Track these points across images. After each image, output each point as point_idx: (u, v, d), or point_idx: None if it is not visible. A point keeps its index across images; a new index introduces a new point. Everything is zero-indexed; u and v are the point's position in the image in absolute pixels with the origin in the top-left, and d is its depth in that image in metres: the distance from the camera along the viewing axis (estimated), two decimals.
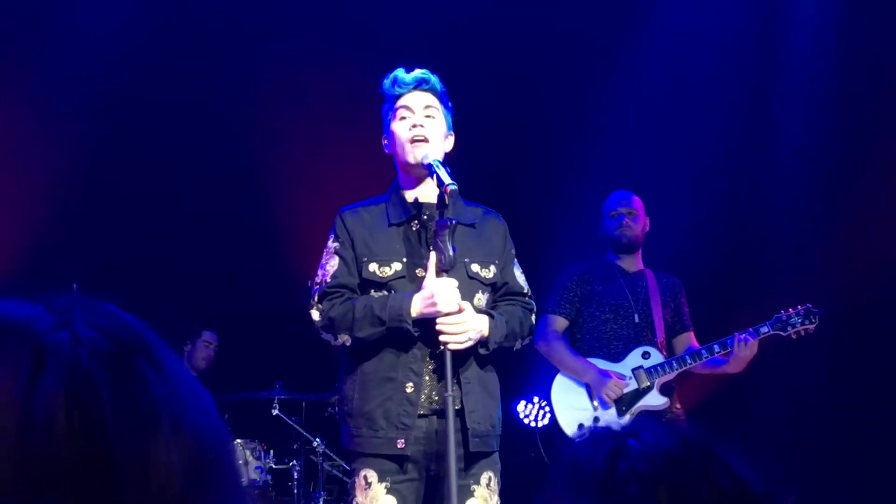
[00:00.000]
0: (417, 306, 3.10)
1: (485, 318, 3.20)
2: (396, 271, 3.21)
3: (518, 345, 3.36)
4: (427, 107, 3.27)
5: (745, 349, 4.52)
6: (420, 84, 3.28)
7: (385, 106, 3.34)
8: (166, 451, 0.72)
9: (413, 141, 3.22)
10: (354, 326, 3.15)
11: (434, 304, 3.08)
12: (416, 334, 3.13)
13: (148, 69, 6.38)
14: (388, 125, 3.31)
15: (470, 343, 3.13)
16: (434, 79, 3.32)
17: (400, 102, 3.27)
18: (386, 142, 3.35)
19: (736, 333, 4.57)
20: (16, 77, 6.08)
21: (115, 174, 6.47)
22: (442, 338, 3.10)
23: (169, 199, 6.60)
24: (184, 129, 6.51)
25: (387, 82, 3.31)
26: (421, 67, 3.35)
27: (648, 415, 4.61)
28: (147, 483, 0.70)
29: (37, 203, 6.09)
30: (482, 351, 3.21)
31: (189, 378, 0.82)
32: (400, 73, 3.30)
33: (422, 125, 3.23)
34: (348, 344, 3.20)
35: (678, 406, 4.76)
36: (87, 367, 0.71)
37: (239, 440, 5.85)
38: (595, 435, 1.13)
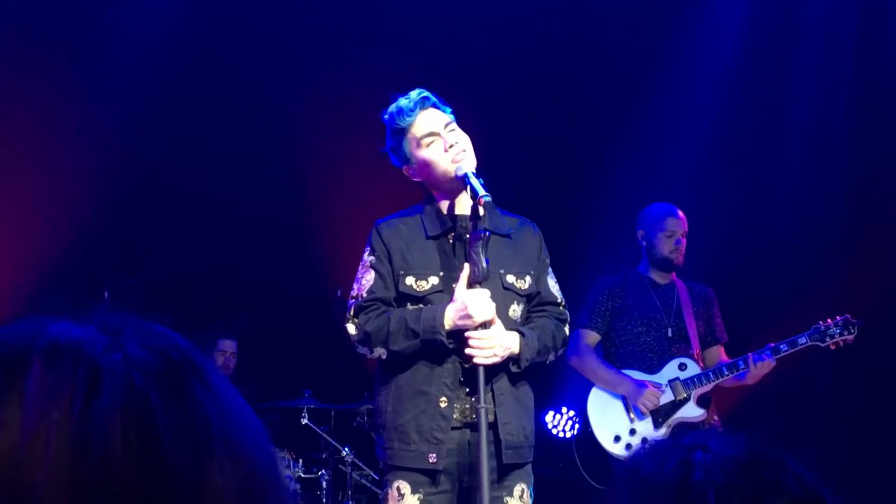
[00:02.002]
0: (451, 318, 3.09)
1: (515, 336, 3.19)
2: (433, 285, 3.21)
3: (551, 357, 3.35)
4: (446, 124, 3.26)
5: (762, 367, 4.57)
6: (423, 104, 3.27)
7: (394, 139, 3.31)
8: (220, 471, 0.72)
9: (455, 161, 3.21)
10: (389, 340, 3.15)
11: (469, 316, 3.07)
12: (450, 346, 3.12)
13: (183, 77, 6.43)
14: (409, 155, 3.28)
15: (497, 359, 3.11)
16: (429, 94, 3.31)
17: (418, 130, 3.25)
18: (410, 171, 3.33)
19: (751, 354, 4.60)
20: (49, 83, 6.14)
21: (144, 181, 6.50)
22: (468, 351, 3.09)
23: (201, 204, 6.62)
24: (212, 136, 6.55)
25: (391, 115, 3.29)
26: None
27: (685, 426, 4.59)
28: (203, 503, 0.70)
29: (64, 209, 6.14)
30: (514, 368, 3.20)
31: (237, 397, 0.82)
32: (402, 102, 3.28)
33: (456, 142, 3.23)
34: (384, 357, 3.20)
35: (715, 417, 4.72)
36: (142, 388, 0.71)
37: None
38: (658, 447, 1.12)
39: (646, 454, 1.10)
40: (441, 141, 3.23)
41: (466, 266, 3.12)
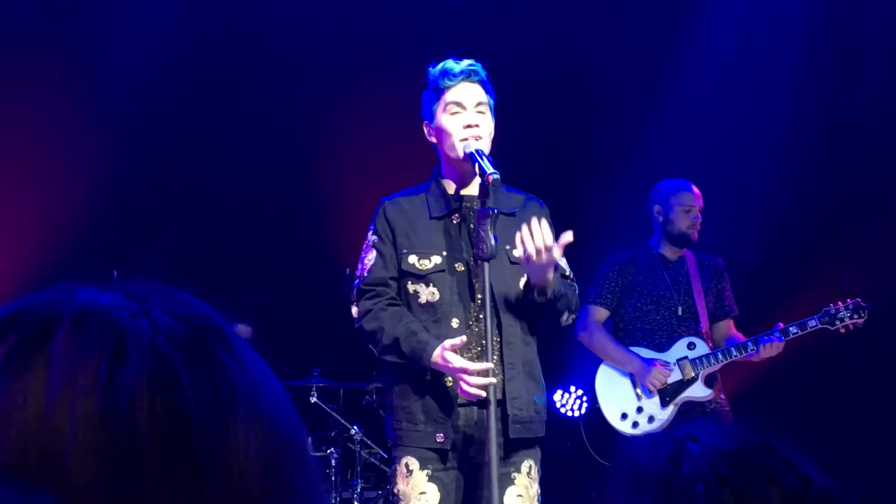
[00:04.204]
0: (440, 364, 3.09)
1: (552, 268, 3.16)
2: (436, 264, 3.22)
3: (566, 318, 3.33)
4: (479, 103, 3.24)
5: (771, 349, 4.57)
6: (469, 76, 3.25)
7: (429, 93, 3.30)
8: (245, 437, 0.72)
9: (463, 139, 3.20)
10: (380, 348, 3.19)
11: (456, 372, 3.08)
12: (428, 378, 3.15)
13: (193, 67, 6.45)
14: (434, 114, 3.28)
15: (543, 260, 3.06)
16: (480, 69, 3.28)
17: (451, 96, 3.23)
18: (428, 129, 3.32)
19: (760, 335, 4.60)
20: (61, 77, 6.13)
21: (152, 163, 6.51)
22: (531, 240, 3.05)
23: (209, 184, 6.63)
24: (219, 121, 6.55)
25: (435, 72, 3.27)
26: (469, 53, 3.32)
27: (692, 405, 4.60)
28: (228, 470, 0.70)
29: (71, 193, 6.14)
30: (539, 299, 3.17)
31: (263, 366, 0.81)
32: (450, 63, 3.26)
33: (477, 124, 3.21)
34: (376, 354, 3.25)
35: (722, 396, 4.73)
36: (168, 354, 0.71)
37: None
38: (652, 438, 1.14)
39: (642, 445, 1.12)
40: (463, 116, 3.21)
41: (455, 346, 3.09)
